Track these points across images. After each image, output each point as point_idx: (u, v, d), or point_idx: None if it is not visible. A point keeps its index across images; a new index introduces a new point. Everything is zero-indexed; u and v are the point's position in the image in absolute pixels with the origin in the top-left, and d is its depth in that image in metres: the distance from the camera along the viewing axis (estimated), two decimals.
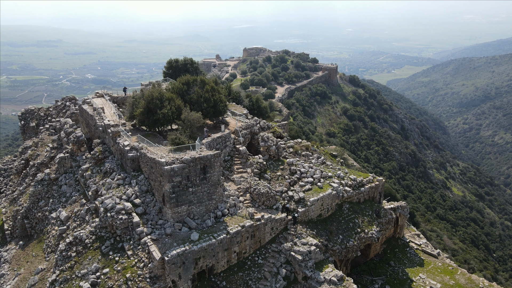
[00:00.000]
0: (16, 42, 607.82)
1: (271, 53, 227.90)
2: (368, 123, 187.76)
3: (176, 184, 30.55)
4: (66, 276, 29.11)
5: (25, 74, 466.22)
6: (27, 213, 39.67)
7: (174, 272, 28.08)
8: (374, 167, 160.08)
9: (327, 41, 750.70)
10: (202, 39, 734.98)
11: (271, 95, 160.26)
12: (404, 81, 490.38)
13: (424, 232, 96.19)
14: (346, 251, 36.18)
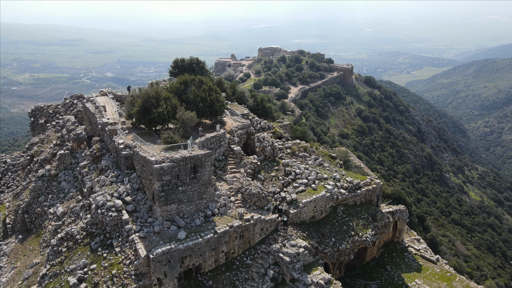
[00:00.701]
0: (39, 40, 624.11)
1: (286, 53, 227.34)
2: (383, 125, 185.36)
3: (166, 183, 30.81)
4: (55, 271, 29.74)
5: (47, 72, 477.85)
6: (28, 208, 40.74)
7: (159, 270, 28.34)
8: (388, 170, 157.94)
9: (345, 41, 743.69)
10: (220, 39, 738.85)
11: (283, 95, 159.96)
12: (424, 83, 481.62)
13: (434, 237, 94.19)
14: (338, 254, 35.75)
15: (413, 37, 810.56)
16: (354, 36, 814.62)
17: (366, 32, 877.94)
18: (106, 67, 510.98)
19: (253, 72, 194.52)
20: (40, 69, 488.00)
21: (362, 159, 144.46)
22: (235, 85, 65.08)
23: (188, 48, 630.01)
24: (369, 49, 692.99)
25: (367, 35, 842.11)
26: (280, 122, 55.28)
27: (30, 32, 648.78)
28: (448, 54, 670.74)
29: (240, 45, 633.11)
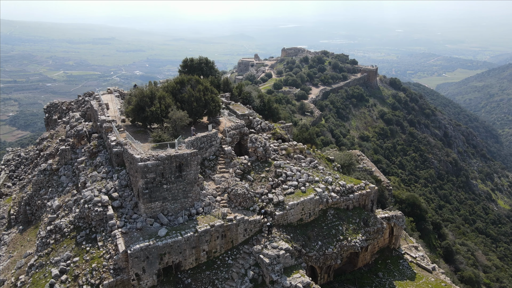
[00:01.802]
0: (74, 39, 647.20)
1: (309, 53, 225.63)
2: (406, 128, 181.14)
3: (150, 180, 31.44)
4: (42, 262, 30.99)
5: (80, 69, 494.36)
6: (29, 200, 42.55)
7: (137, 265, 28.97)
8: (409, 174, 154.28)
9: (375, 42, 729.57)
10: (247, 38, 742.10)
11: (303, 96, 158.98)
12: (455, 85, 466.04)
13: (450, 245, 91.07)
14: (324, 258, 35.33)
15: (446, 38, 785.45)
16: (384, 36, 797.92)
17: (396, 33, 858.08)
18: (135, 65, 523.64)
19: (275, 72, 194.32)
20: (73, 66, 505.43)
21: (382, 163, 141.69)
22: (242, 85, 65.27)
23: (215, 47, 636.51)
24: (399, 50, 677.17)
25: (398, 35, 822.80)
26: (282, 123, 55.04)
27: (65, 31, 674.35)
28: (483, 56, 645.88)
29: (267, 44, 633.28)
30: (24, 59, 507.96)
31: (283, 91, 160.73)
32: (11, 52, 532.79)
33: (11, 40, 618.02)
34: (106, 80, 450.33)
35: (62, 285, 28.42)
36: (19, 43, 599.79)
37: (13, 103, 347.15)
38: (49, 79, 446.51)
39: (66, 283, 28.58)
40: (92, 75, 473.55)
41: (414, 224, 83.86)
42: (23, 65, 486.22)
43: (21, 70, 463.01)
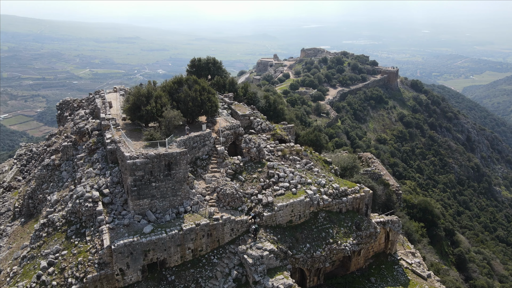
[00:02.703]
0: (100, 38, 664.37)
1: (329, 54, 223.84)
2: (426, 132, 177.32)
3: (138, 178, 32.10)
4: (33, 254, 32.16)
5: (105, 67, 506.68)
6: (32, 194, 44.13)
7: (121, 261, 29.67)
8: (427, 179, 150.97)
9: (399, 43, 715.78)
10: (269, 38, 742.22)
11: (320, 97, 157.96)
12: (483, 88, 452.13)
13: (463, 253, 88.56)
14: (312, 260, 35.12)
15: (474, 39, 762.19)
16: (409, 37, 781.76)
17: (422, 34, 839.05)
18: (158, 64, 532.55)
19: (293, 73, 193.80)
20: (99, 64, 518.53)
21: (398, 166, 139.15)
22: (247, 86, 65.55)
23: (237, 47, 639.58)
24: (425, 52, 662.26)
25: (424, 36, 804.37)
26: (284, 124, 54.96)
27: (92, 30, 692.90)
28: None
29: (289, 45, 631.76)
30: (53, 57, 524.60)
31: (299, 91, 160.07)
32: (41, 50, 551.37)
33: (41, 38, 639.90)
34: (130, 78, 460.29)
35: (48, 277, 29.42)
36: (49, 42, 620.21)
37: (41, 99, 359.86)
38: (75, 76, 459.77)
39: (53, 275, 29.57)
40: (117, 73, 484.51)
41: (424, 230, 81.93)
42: (52, 63, 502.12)
43: (49, 67, 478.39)
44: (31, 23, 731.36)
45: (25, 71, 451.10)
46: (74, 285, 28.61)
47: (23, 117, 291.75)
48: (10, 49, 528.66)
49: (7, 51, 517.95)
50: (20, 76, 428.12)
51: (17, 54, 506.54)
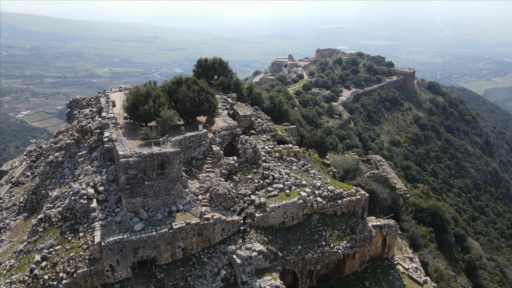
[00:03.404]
0: (119, 37, 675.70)
1: (344, 55, 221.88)
2: (442, 135, 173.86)
3: (131, 176, 32.69)
4: (29, 248, 33.15)
5: (124, 66, 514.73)
6: (36, 190, 45.45)
7: (111, 257, 30.28)
8: (441, 183, 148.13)
9: (419, 43, 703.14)
10: (287, 38, 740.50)
11: (333, 98, 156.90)
12: (506, 91, 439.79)
13: (473, 259, 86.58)
14: (303, 262, 35.04)
15: (498, 40, 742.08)
16: (430, 38, 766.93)
17: (443, 34, 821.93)
18: (176, 63, 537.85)
19: (307, 74, 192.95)
20: (118, 63, 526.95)
21: (411, 169, 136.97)
22: (252, 86, 65.71)
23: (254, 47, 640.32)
24: (446, 53, 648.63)
25: (445, 37, 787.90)
26: (286, 125, 54.89)
27: (112, 29, 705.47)
28: None
29: (306, 45, 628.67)
30: (74, 56, 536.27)
31: (312, 92, 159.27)
32: (63, 49, 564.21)
33: (63, 37, 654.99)
34: (147, 77, 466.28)
35: (41, 271, 30.30)
36: (70, 41, 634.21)
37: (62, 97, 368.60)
38: (95, 75, 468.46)
39: (45, 270, 30.42)
40: (135, 72, 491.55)
41: (433, 234, 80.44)
42: (73, 61, 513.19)
43: (70, 66, 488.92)
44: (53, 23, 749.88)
45: (47, 69, 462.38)
46: (64, 280, 29.37)
47: (44, 114, 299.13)
48: (33, 48, 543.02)
49: (30, 49, 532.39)
50: (42, 74, 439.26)
51: (40, 53, 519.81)
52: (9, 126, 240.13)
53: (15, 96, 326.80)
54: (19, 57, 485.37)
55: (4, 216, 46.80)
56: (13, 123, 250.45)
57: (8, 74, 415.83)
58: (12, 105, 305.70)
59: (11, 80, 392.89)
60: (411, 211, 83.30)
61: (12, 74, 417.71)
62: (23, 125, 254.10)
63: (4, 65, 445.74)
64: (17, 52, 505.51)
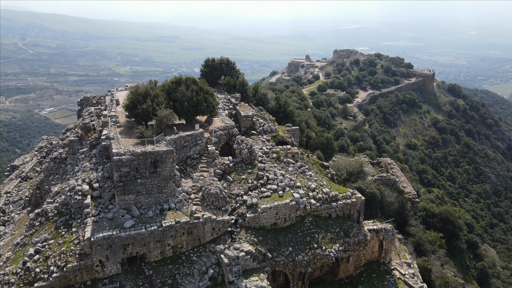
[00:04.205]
0: (141, 37, 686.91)
1: (362, 56, 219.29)
2: (461, 138, 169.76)
3: (124, 174, 33.27)
4: (25, 241, 34.16)
5: (144, 65, 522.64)
6: (40, 185, 46.75)
7: (100, 253, 30.90)
8: (459, 188, 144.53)
9: (443, 45, 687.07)
10: (307, 39, 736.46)
11: (348, 100, 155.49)
12: None
13: (485, 267, 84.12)
14: (294, 264, 34.84)
15: None
16: (454, 39, 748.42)
17: (469, 35, 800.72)
18: (195, 63, 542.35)
19: (323, 74, 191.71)
20: (139, 62, 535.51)
21: (427, 173, 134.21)
22: (258, 87, 65.74)
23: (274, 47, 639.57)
24: (471, 54, 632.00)
25: (470, 38, 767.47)
26: (288, 126, 54.69)
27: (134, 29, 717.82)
28: None
29: (327, 45, 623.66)
30: (97, 55, 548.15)
31: (327, 93, 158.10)
32: (86, 48, 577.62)
33: (87, 36, 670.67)
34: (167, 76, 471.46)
35: (33, 264, 31.19)
36: (94, 40, 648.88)
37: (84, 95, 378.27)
38: (116, 73, 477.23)
39: (37, 263, 31.30)
40: (155, 71, 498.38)
41: (444, 240, 78.66)
42: (95, 60, 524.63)
43: (93, 65, 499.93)
44: (78, 22, 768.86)
45: (71, 67, 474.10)
46: (55, 273, 30.18)
47: (66, 111, 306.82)
48: (59, 47, 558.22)
49: (55, 48, 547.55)
50: (66, 72, 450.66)
51: (64, 52, 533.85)
52: (33, 122, 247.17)
53: (40, 94, 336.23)
54: (44, 56, 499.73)
55: (10, 210, 48.37)
56: (37, 120, 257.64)
57: (34, 72, 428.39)
58: (37, 102, 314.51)
59: (36, 78, 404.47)
60: (421, 216, 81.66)
61: (38, 72, 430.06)
62: (46, 122, 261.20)
63: (30, 63, 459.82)
64: (43, 50, 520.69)
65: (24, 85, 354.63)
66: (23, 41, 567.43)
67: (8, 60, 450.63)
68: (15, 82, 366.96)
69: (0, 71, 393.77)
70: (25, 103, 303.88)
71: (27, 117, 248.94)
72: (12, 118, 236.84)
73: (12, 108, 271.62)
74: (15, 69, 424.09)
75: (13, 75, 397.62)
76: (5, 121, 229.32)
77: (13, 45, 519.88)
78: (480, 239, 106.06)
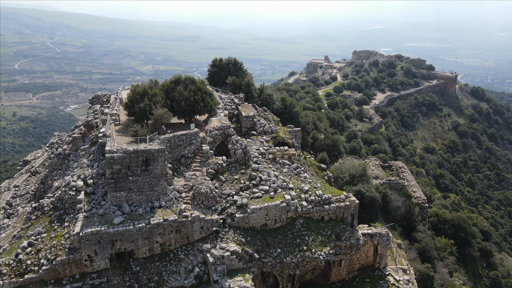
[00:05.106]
0: (164, 36, 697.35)
1: (382, 57, 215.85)
2: (483, 143, 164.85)
3: (116, 171, 33.94)
4: (21, 234, 35.33)
5: (166, 64, 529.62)
6: (44, 180, 48.26)
7: (89, 247, 31.63)
8: (478, 194, 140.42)
9: (470, 46, 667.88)
10: (328, 39, 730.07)
11: (364, 101, 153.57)
12: None
13: (498, 276, 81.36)
14: (282, 266, 34.68)
15: None
16: (482, 40, 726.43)
17: (498, 37, 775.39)
18: None
19: (341, 75, 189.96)
20: (161, 61, 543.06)
21: (444, 178, 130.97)
22: (263, 88, 65.69)
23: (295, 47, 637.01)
24: (499, 56, 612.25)
25: (499, 40, 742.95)
26: (290, 127, 54.42)
27: (157, 28, 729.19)
28: None
29: (348, 46, 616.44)
30: (120, 54, 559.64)
31: (343, 95, 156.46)
32: (110, 47, 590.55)
33: (111, 36, 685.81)
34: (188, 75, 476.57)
35: (25, 256, 32.24)
36: (118, 39, 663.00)
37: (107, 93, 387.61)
38: (139, 72, 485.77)
39: (29, 255, 32.33)
40: (177, 70, 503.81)
41: (455, 248, 76.60)
42: (119, 59, 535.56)
43: (117, 63, 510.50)
44: (104, 22, 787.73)
45: (96, 66, 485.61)
46: (44, 266, 31.12)
47: None
48: (84, 45, 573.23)
49: (81, 47, 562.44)
50: (91, 71, 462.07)
51: (90, 50, 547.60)
52: (58, 119, 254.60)
53: (65, 91, 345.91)
54: (71, 54, 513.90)
55: (17, 203, 50.12)
56: (62, 116, 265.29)
57: (61, 70, 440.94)
58: (62, 99, 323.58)
59: (62, 76, 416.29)
60: (432, 221, 79.75)
61: (64, 70, 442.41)
62: (71, 118, 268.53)
63: (57, 61, 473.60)
64: (69, 49, 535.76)
65: (50, 82, 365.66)
66: (51, 40, 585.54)
67: (36, 58, 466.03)
68: (43, 80, 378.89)
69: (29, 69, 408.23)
70: (51, 100, 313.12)
71: (52, 113, 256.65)
72: (39, 114, 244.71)
73: (39, 105, 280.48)
74: (43, 67, 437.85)
75: (41, 73, 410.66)
76: (32, 117, 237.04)
77: (41, 44, 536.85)
78: (498, 248, 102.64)
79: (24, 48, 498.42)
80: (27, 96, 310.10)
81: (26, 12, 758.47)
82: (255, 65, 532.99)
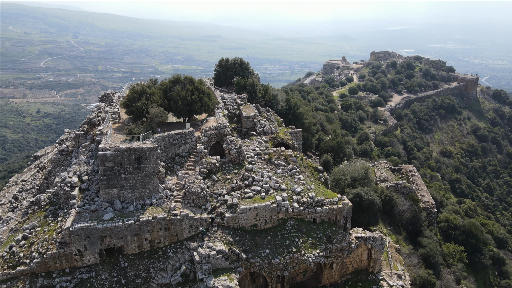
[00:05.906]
0: (184, 36, 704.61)
1: (401, 58, 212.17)
2: (504, 148, 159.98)
3: (108, 169, 34.59)
4: (18, 227, 36.42)
5: (186, 64, 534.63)
6: (48, 175, 49.60)
7: (78, 242, 32.34)
8: (496, 200, 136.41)
9: (496, 48, 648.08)
10: (348, 40, 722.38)
11: (379, 103, 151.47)
12: None
13: (510, 286, 78.72)
14: (270, 267, 34.58)
15: None
16: (509, 42, 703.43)
17: None
18: None
19: (357, 77, 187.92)
20: (181, 61, 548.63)
21: (461, 183, 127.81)
22: (268, 88, 65.61)
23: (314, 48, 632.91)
24: None
25: None
26: (291, 128, 54.19)
27: (178, 28, 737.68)
28: None
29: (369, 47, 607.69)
30: (141, 53, 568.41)
31: (358, 96, 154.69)
32: (132, 46, 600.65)
33: (133, 35, 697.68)
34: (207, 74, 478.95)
35: (19, 248, 33.26)
36: (139, 39, 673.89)
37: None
38: (159, 71, 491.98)
39: (22, 248, 33.33)
40: (196, 69, 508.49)
41: (465, 254, 74.63)
42: (140, 58, 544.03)
43: (137, 62, 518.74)
44: (126, 21, 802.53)
45: (117, 64, 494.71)
46: (36, 259, 32.02)
47: None
48: (107, 45, 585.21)
49: (104, 46, 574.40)
50: (112, 69, 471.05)
51: (112, 49, 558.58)
52: (80, 116, 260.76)
53: (87, 89, 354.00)
54: (93, 53, 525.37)
55: (23, 197, 51.73)
56: (84, 114, 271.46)
57: (83, 68, 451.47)
58: (84, 97, 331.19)
59: (85, 74, 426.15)
60: (442, 227, 77.91)
61: (87, 68, 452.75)
62: None
63: (80, 60, 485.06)
64: (92, 48, 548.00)
65: (73, 80, 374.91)
66: (75, 39, 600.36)
67: (61, 56, 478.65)
68: (66, 78, 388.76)
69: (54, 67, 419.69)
70: (74, 98, 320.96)
71: (74, 110, 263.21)
72: (61, 111, 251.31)
73: (62, 102, 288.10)
74: (67, 65, 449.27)
75: (65, 71, 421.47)
76: (55, 114, 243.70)
77: (66, 43, 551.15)
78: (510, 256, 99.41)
79: (49, 46, 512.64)
80: (51, 93, 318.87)
81: (52, 11, 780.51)
82: (274, 65, 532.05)
